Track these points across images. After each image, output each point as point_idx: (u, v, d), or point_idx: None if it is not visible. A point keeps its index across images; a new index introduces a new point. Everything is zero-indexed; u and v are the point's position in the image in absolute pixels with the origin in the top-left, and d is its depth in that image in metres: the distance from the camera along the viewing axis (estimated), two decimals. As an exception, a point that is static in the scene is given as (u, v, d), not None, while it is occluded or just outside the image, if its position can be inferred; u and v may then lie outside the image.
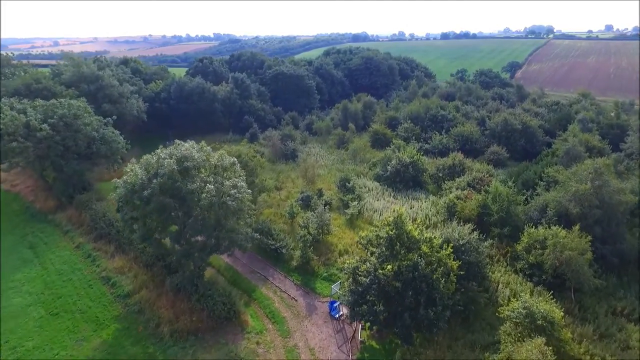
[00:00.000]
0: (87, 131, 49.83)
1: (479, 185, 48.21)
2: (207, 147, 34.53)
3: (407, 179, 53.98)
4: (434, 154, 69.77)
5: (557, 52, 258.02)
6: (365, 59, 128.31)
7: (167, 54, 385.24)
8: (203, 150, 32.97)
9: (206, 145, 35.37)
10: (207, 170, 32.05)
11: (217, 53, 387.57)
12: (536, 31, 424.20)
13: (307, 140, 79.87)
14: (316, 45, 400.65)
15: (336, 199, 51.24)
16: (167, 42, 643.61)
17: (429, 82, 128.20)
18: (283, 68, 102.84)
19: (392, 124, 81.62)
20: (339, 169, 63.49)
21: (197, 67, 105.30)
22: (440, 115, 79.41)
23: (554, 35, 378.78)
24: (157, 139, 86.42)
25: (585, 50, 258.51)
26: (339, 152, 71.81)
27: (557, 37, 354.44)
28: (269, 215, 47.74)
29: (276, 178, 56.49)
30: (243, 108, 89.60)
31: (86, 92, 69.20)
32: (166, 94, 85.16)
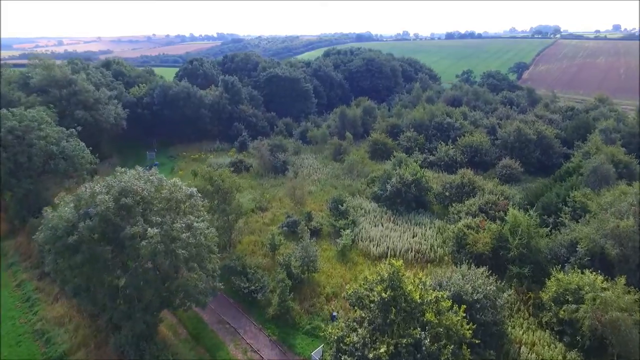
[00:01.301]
0: (41, 145, 43.42)
1: (493, 211, 41.42)
2: (158, 176, 27.95)
3: (409, 199, 47.27)
4: (440, 166, 63.00)
5: (565, 53, 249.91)
6: (367, 61, 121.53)
7: (170, 54, 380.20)
8: (150, 181, 26.36)
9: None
10: (156, 206, 25.45)
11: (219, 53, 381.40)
12: (543, 31, 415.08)
13: (301, 150, 73.28)
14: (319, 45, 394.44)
15: (327, 224, 44.61)
16: (171, 41, 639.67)
17: (433, 85, 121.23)
18: (278, 70, 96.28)
19: (394, 132, 74.87)
20: (333, 185, 56.87)
21: (186, 69, 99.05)
22: (446, 123, 72.57)
23: (561, 35, 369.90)
24: (140, 148, 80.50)
25: (593, 50, 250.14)
26: (335, 165, 65.11)
27: (564, 37, 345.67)
28: (249, 244, 41.20)
29: (260, 197, 49.83)
30: (233, 114, 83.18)
31: (57, 97, 62.98)
32: (149, 99, 78.89)
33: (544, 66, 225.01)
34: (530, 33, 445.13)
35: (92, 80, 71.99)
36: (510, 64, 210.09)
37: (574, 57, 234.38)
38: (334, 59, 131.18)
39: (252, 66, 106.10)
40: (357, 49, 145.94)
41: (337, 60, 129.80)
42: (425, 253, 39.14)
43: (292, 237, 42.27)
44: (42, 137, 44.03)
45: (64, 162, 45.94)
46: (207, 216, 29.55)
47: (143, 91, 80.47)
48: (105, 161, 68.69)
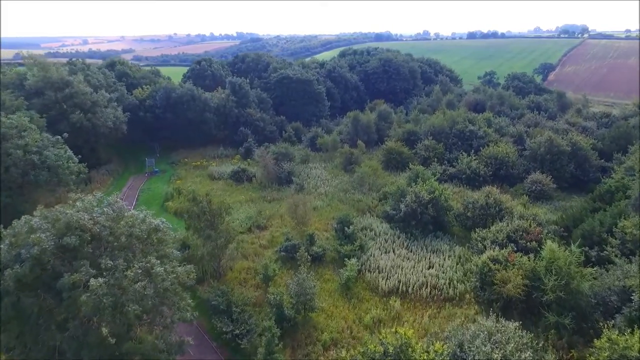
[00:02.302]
0: (18, 155, 39.53)
1: (524, 241, 35.43)
2: (119, 203, 23.25)
3: (425, 221, 41.59)
4: (461, 180, 57.01)
5: (594, 53, 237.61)
6: (384, 61, 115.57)
7: (189, 53, 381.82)
8: (105, 214, 21.64)
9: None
10: (111, 244, 20.71)
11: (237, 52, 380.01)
12: (569, 30, 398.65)
13: (310, 158, 68.24)
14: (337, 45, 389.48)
15: (331, 249, 39.39)
16: (191, 40, 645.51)
17: (454, 88, 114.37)
18: (289, 71, 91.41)
19: (410, 140, 68.99)
20: (342, 200, 51.60)
21: (193, 70, 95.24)
22: (468, 131, 66.30)
23: (590, 34, 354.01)
24: (142, 152, 76.71)
25: (624, 50, 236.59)
26: (345, 176, 59.76)
27: (592, 36, 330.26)
28: (241, 271, 36.35)
29: (257, 215, 44.91)
30: (240, 118, 78.70)
31: (52, 100, 59.66)
32: (152, 102, 75.11)
33: (571, 67, 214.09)
34: (557, 32, 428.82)
35: (92, 81, 68.58)
36: (535, 65, 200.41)
37: (604, 58, 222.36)
38: (350, 60, 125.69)
39: (263, 67, 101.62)
40: (374, 49, 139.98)
41: (353, 61, 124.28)
42: (443, 289, 33.51)
43: (290, 263, 37.25)
44: (21, 145, 40.13)
45: (45, 173, 41.99)
46: (181, 251, 24.66)
47: (146, 93, 76.80)
48: (102, 167, 65.29)
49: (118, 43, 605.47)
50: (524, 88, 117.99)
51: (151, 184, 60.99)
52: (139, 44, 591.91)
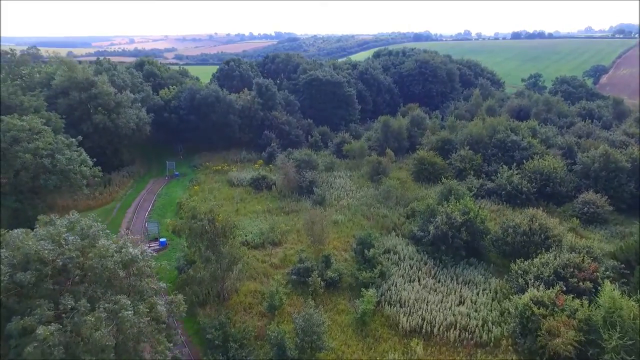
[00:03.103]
0: (26, 159, 38.12)
1: (575, 279, 29.97)
2: (94, 228, 20.31)
3: (457, 246, 36.73)
4: (500, 196, 51.27)
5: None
6: (420, 63, 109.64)
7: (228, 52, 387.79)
8: (72, 243, 18.68)
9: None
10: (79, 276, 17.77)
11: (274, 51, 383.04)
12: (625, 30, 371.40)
13: (335, 165, 64.26)
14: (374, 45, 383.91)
15: (348, 273, 35.38)
16: (231, 40, 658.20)
17: (495, 92, 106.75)
18: (318, 73, 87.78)
19: (445, 149, 63.57)
20: (365, 214, 47.37)
21: (222, 70, 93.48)
22: (510, 141, 60.14)
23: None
24: (166, 154, 75.31)
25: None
26: (371, 187, 55.42)
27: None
28: (247, 295, 33.06)
29: (269, 231, 41.47)
30: (265, 121, 75.95)
31: (77, 100, 59.00)
32: (177, 103, 73.65)
33: (626, 70, 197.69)
34: (610, 32, 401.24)
35: (117, 82, 67.78)
36: (585, 67, 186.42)
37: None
38: (384, 61, 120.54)
39: (292, 68, 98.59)
40: (410, 50, 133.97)
41: (387, 62, 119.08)
42: (474, 332, 28.73)
43: (301, 288, 33.60)
44: (31, 149, 38.73)
45: (55, 178, 40.49)
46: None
47: (172, 94, 75.48)
48: (124, 169, 64.26)
49: (162, 42, 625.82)
50: (573, 93, 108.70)
51: (170, 188, 59.16)
52: (181, 43, 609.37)
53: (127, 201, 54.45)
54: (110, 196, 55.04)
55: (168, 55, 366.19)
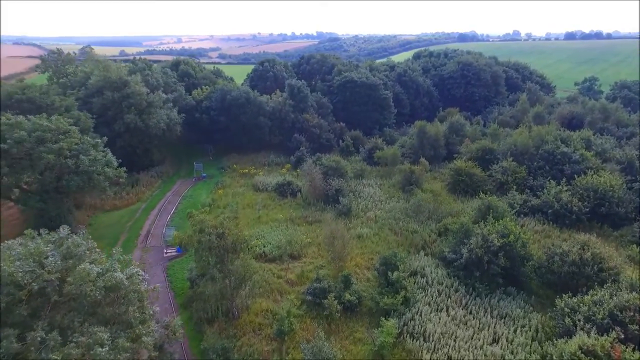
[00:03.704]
0: (49, 159, 37.98)
1: (637, 326, 25.40)
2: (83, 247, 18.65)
3: (493, 273, 32.79)
4: (546, 215, 46.21)
5: None
6: (462, 65, 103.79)
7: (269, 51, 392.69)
8: (51, 265, 17.01)
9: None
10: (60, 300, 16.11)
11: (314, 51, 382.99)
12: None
13: (365, 172, 61.18)
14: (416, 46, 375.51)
15: (369, 296, 32.38)
16: (273, 39, 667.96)
17: (545, 97, 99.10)
18: (353, 75, 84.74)
19: (485, 159, 58.80)
20: (393, 229, 44.03)
21: (256, 70, 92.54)
22: (559, 153, 54.55)
23: None
24: (196, 155, 75.01)
25: None
26: (402, 198, 51.91)
27: None
28: (258, 314, 30.89)
29: (287, 244, 39.08)
30: (296, 123, 73.99)
31: (110, 100, 59.56)
32: (209, 103, 73.18)
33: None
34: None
35: (150, 82, 68.13)
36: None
37: None
38: (424, 62, 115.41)
39: (327, 69, 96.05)
40: (453, 51, 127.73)
41: (427, 64, 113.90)
42: (509, 379, 24.97)
43: (316, 310, 31.03)
44: (55, 150, 38.58)
45: (78, 178, 40.24)
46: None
47: (204, 94, 75.14)
48: (153, 169, 64.39)
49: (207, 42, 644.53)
50: (635, 99, 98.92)
51: (195, 190, 58.40)
52: (225, 43, 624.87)
53: (152, 202, 54.11)
54: (137, 196, 54.94)
55: (212, 54, 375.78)
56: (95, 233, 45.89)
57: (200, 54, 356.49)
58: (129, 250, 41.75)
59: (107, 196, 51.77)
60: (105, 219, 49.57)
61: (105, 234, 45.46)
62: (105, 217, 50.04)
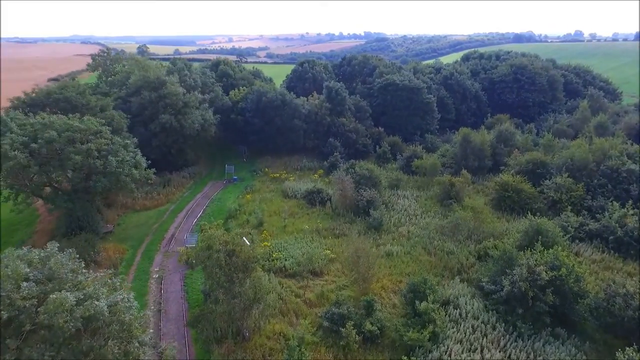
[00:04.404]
0: (76, 160, 37.94)
1: None
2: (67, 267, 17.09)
3: (539, 311, 28.46)
4: (606, 242, 40.52)
5: None
6: (515, 68, 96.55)
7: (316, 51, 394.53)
8: (25, 289, 15.44)
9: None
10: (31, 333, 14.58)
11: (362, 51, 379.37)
12: None
13: (402, 182, 57.44)
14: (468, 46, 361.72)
15: (392, 327, 29.16)
16: (321, 39, 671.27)
17: (609, 105, 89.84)
18: (395, 77, 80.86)
19: (537, 174, 53.22)
20: (427, 248, 40.30)
21: (295, 71, 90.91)
22: (625, 170, 48.11)
23: None
24: (231, 156, 74.56)
25: None
26: (440, 213, 47.89)
27: None
28: (270, 337, 28.61)
29: (308, 260, 36.50)
30: (331, 127, 71.45)
31: (148, 99, 60.10)
32: (244, 104, 72.37)
33: None
34: None
35: (188, 82, 68.31)
36: None
37: None
38: (473, 65, 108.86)
39: (369, 71, 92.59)
40: (505, 53, 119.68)
41: (476, 66, 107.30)
42: None
43: (332, 339, 28.26)
44: (83, 150, 38.53)
45: (105, 180, 40.06)
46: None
47: (240, 95, 74.46)
48: (187, 169, 64.32)
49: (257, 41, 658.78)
50: None
51: (225, 193, 57.45)
52: (274, 42, 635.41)
53: (181, 204, 53.65)
54: (167, 197, 54.74)
55: (260, 53, 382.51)
56: (122, 233, 46.05)
57: (248, 53, 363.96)
58: (151, 255, 41.24)
59: (138, 196, 51.98)
60: (134, 219, 49.57)
61: (132, 235, 45.27)
62: (135, 217, 50.04)
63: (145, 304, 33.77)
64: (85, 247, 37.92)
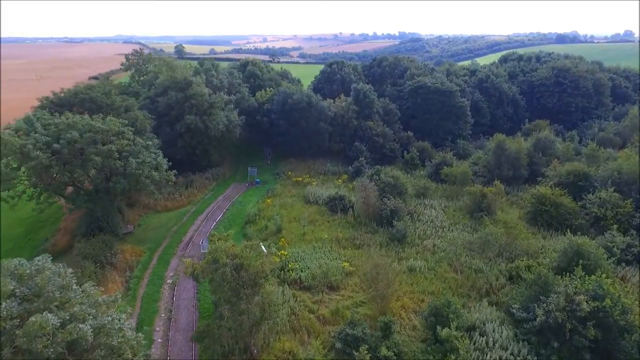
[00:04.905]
0: (96, 161, 37.85)
1: None
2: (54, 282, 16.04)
3: (578, 346, 25.42)
4: (657, 266, 36.44)
5: None
6: (557, 71, 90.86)
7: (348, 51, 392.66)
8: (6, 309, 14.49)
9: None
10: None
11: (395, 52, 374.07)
12: None
13: (429, 190, 54.63)
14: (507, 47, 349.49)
15: (410, 354, 26.90)
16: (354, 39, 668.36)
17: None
18: (426, 80, 77.76)
19: (578, 187, 49.12)
20: (453, 264, 37.59)
21: (323, 72, 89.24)
22: (681, 187, 43.45)
23: None
24: (255, 158, 73.92)
25: None
26: (469, 227, 44.91)
27: None
28: (279, 355, 27.05)
29: (324, 274, 34.63)
30: (358, 130, 69.32)
31: (174, 100, 60.16)
32: (270, 106, 71.46)
33: None
34: None
35: (214, 82, 68.06)
36: None
37: None
38: (511, 67, 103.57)
39: (399, 72, 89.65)
40: (547, 55, 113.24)
41: (515, 69, 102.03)
42: None
43: (346, 362, 26.37)
44: (103, 152, 38.43)
45: (124, 181, 39.85)
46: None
47: (267, 96, 73.60)
48: (210, 170, 64.01)
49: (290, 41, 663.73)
50: None
51: (246, 196, 56.59)
52: (307, 42, 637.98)
53: (202, 206, 53.18)
54: (188, 199, 54.44)
55: (293, 53, 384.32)
56: (142, 235, 45.92)
57: (281, 53, 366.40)
58: (167, 258, 40.75)
59: (158, 197, 51.76)
60: (154, 220, 49.47)
61: (150, 236, 45.05)
62: (155, 219, 49.95)
63: (156, 310, 33.17)
64: (103, 248, 37.84)
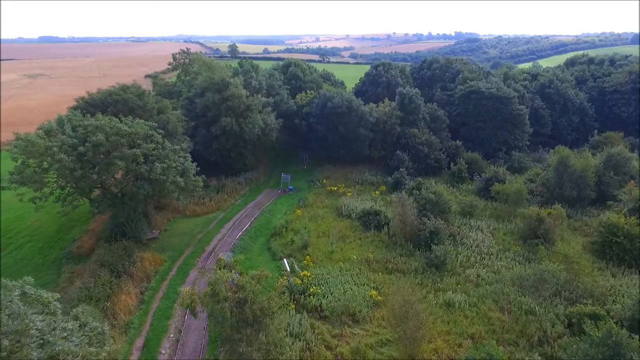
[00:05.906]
0: (120, 166, 36.71)
1: None
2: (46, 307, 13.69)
3: None
4: None
5: None
6: (635, 76, 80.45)
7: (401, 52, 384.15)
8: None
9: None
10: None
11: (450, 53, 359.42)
12: None
13: (476, 209, 48.98)
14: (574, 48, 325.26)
15: (440, 416, 22.60)
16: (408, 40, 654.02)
17: None
18: (481, 84, 71.25)
19: (659, 214, 41.61)
20: (499, 302, 32.40)
21: (369, 75, 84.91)
22: None
23: None
24: (292, 162, 71.51)
25: None
26: (520, 256, 39.15)
27: None
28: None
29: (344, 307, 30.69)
30: (401, 138, 64.56)
31: (211, 101, 58.94)
32: (309, 109, 68.57)
33: None
34: None
35: (253, 84, 66.19)
36: None
37: None
38: (579, 71, 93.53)
39: (451, 76, 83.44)
40: (622, 57, 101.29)
41: (583, 73, 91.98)
42: None
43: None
44: (127, 155, 37.25)
45: (148, 186, 38.49)
46: None
47: (307, 99, 70.77)
48: (244, 174, 62.23)
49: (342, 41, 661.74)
50: None
51: (277, 204, 53.98)
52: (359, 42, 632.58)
53: (231, 213, 51.23)
54: (218, 204, 52.70)
55: (345, 53, 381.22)
56: (166, 241, 44.58)
57: (333, 52, 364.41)
58: (187, 270, 38.89)
59: (183, 203, 50.38)
60: (181, 226, 48.13)
61: (174, 244, 43.58)
62: (182, 224, 48.61)
63: (166, 329, 31.18)
64: (122, 256, 36.65)
